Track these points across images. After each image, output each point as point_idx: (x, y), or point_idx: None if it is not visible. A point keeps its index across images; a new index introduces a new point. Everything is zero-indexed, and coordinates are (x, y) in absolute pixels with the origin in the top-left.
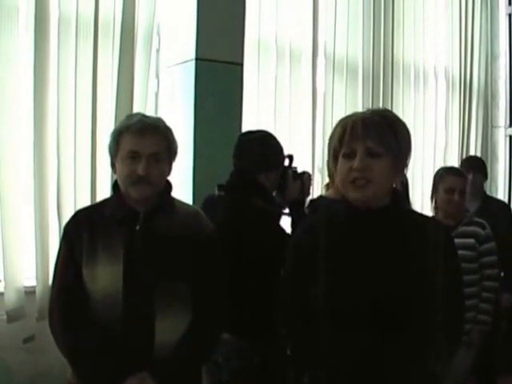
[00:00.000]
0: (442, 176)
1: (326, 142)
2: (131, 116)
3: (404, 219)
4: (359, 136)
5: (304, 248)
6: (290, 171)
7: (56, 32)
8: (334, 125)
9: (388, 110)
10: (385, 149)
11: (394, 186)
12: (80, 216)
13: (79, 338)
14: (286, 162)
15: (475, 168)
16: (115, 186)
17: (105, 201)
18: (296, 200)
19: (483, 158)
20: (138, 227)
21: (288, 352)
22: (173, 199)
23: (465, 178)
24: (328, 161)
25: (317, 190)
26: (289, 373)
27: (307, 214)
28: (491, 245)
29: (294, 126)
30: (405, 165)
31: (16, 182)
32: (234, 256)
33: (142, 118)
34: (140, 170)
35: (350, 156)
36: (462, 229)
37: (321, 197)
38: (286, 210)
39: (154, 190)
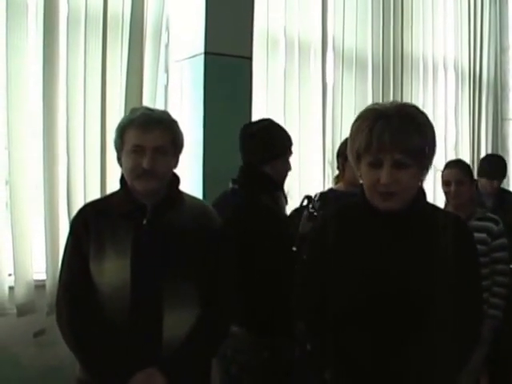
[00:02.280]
0: (443, 170)
1: (336, 135)
2: (135, 110)
3: (425, 216)
4: (387, 148)
5: (322, 244)
6: (306, 212)
7: (65, 27)
8: (343, 118)
9: (412, 106)
10: (413, 159)
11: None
12: (87, 210)
13: (87, 333)
14: (305, 202)
15: (498, 175)
16: (122, 180)
17: (112, 195)
18: (303, 236)
19: (493, 151)
20: (145, 221)
21: (308, 347)
22: (180, 193)
23: (458, 168)
24: (338, 153)
25: (327, 184)
26: (309, 368)
27: (318, 207)
28: (503, 240)
29: (303, 119)
30: (431, 164)
31: (26, 176)
32: (240, 251)
33: (146, 111)
34: (144, 163)
35: (376, 166)
36: (474, 223)
37: (331, 190)
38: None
39: (159, 183)
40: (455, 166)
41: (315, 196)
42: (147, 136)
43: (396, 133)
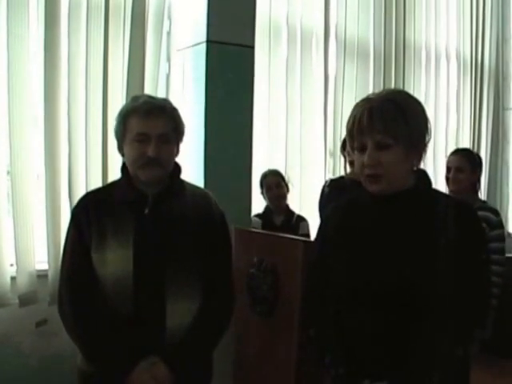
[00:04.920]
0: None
1: (337, 124)
2: (137, 97)
3: (427, 201)
4: (366, 130)
5: (328, 230)
6: None
7: (66, 15)
8: (344, 107)
9: (401, 91)
10: (394, 139)
11: (415, 169)
12: (88, 199)
13: (89, 323)
14: None
15: None
16: (123, 169)
17: (113, 184)
18: None
19: (494, 141)
20: (146, 210)
21: (311, 333)
22: (182, 181)
23: (460, 155)
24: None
25: (328, 173)
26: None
27: (327, 193)
28: (500, 231)
29: (305, 107)
30: (422, 146)
31: (27, 166)
32: None
33: (148, 99)
34: (150, 151)
35: (362, 150)
36: None
37: (341, 177)
38: None
39: (163, 172)
40: (457, 153)
41: (326, 182)
42: (151, 124)
43: (374, 114)
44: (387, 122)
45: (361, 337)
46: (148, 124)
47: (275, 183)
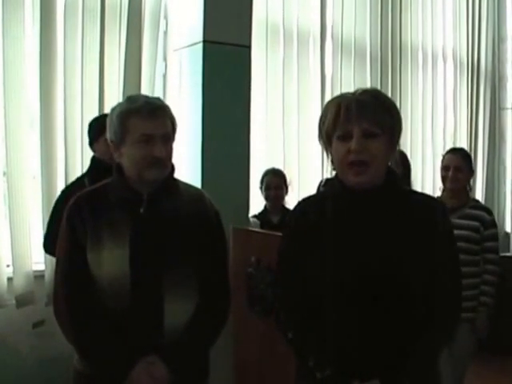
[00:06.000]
0: (444, 155)
1: None
2: (133, 98)
3: (399, 198)
4: (354, 118)
5: (299, 228)
6: None
7: (62, 16)
8: None
9: (378, 90)
10: (381, 129)
11: (389, 164)
12: (81, 200)
13: (86, 324)
14: None
15: None
16: (117, 168)
17: (107, 184)
18: None
19: (491, 140)
20: (142, 210)
21: (290, 336)
22: (175, 180)
23: (459, 155)
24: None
25: (326, 173)
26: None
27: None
28: (494, 231)
29: (302, 107)
30: (397, 143)
31: (23, 167)
32: None
33: (147, 99)
34: (157, 151)
35: (345, 138)
36: (467, 211)
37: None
38: None
39: (167, 171)
40: (456, 153)
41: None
42: (155, 124)
43: (362, 105)
44: (376, 112)
45: (348, 335)
46: (152, 124)
47: (274, 184)
